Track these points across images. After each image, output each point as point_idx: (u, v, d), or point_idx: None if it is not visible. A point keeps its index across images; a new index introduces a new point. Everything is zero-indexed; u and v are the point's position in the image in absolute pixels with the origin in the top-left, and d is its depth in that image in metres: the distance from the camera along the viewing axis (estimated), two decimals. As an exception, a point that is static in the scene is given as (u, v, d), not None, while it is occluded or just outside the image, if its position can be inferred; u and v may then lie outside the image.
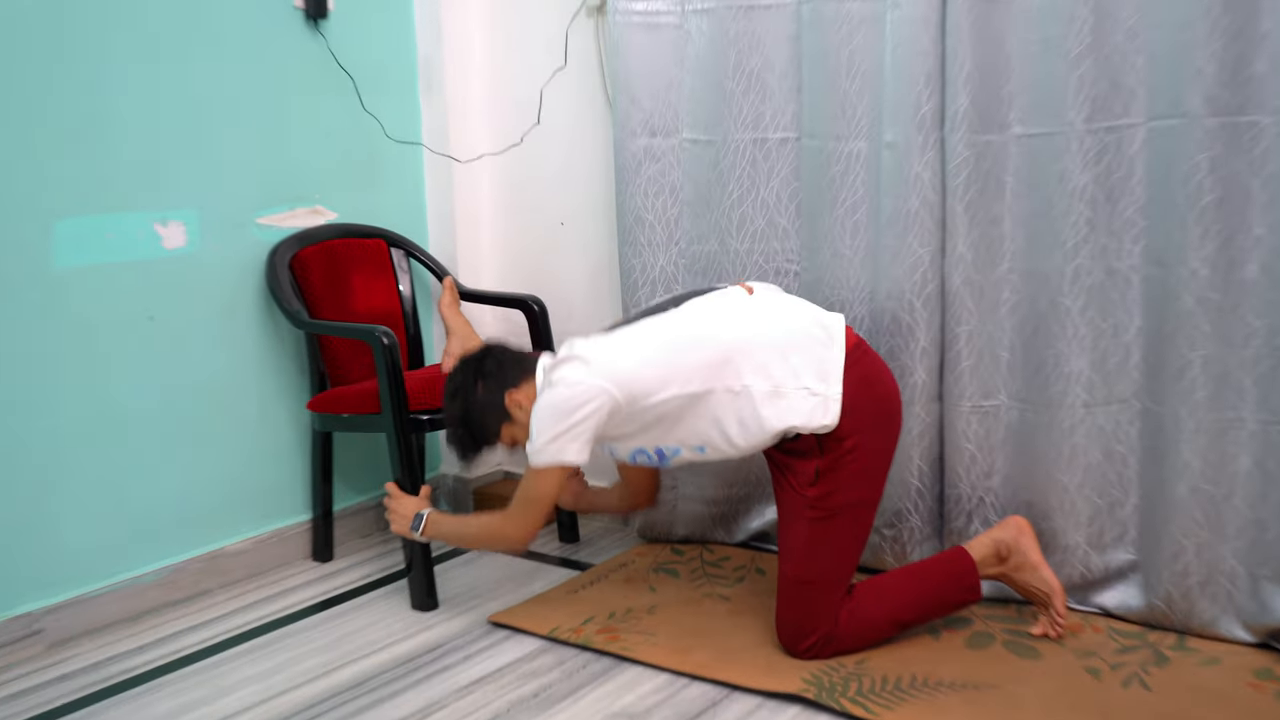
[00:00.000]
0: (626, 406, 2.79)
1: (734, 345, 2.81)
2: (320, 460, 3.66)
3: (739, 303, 2.93)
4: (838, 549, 2.87)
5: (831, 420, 2.79)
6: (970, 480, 3.20)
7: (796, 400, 2.79)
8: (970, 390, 3.15)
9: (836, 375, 2.81)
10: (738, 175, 3.39)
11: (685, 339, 2.85)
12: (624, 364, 2.81)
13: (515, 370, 2.97)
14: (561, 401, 2.78)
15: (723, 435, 2.82)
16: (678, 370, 2.80)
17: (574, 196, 3.94)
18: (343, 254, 3.72)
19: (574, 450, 2.79)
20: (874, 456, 2.88)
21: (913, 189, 3.09)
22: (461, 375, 3.01)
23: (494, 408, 2.95)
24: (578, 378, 2.79)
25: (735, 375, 2.80)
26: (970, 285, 3.11)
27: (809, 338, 2.84)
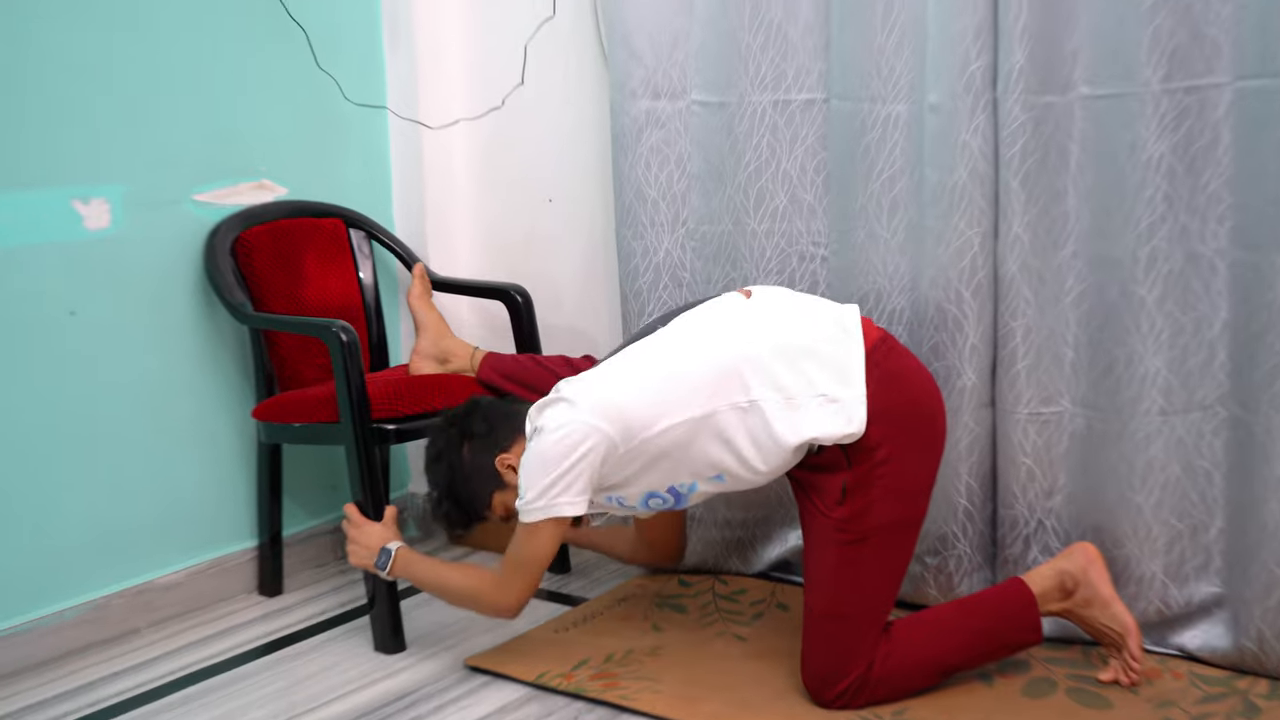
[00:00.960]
0: (624, 444, 2.82)
1: (736, 357, 2.84)
2: (267, 477, 3.66)
3: (736, 310, 2.96)
4: (872, 580, 2.87)
5: (857, 428, 2.80)
6: (1028, 500, 3.19)
7: (813, 409, 2.81)
8: (1028, 395, 3.15)
9: (858, 375, 2.83)
10: (755, 144, 3.39)
11: (680, 358, 2.89)
12: (614, 397, 2.85)
13: (505, 428, 3.02)
14: (549, 448, 2.82)
15: (738, 459, 2.84)
16: (675, 394, 2.83)
17: (564, 169, 3.93)
18: (294, 236, 3.71)
19: (568, 501, 2.83)
20: (912, 468, 2.88)
21: (960, 159, 3.08)
22: (445, 437, 3.05)
23: (485, 473, 3.00)
24: (563, 419, 2.83)
25: (741, 390, 2.82)
26: (1028, 272, 3.10)
27: (821, 337, 2.87)
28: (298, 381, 3.60)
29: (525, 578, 2.93)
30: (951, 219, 3.11)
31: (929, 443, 2.92)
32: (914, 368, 2.94)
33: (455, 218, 4.13)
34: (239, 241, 3.59)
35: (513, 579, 2.94)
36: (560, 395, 2.89)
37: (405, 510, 4.12)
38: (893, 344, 2.92)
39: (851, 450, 2.83)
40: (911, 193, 3.22)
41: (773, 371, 2.82)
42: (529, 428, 2.94)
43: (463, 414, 3.06)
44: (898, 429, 2.84)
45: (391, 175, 4.08)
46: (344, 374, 3.26)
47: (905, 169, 3.22)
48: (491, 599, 2.99)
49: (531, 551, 2.89)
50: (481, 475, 3.01)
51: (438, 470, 3.05)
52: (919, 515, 2.92)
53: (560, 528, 2.88)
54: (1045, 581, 2.95)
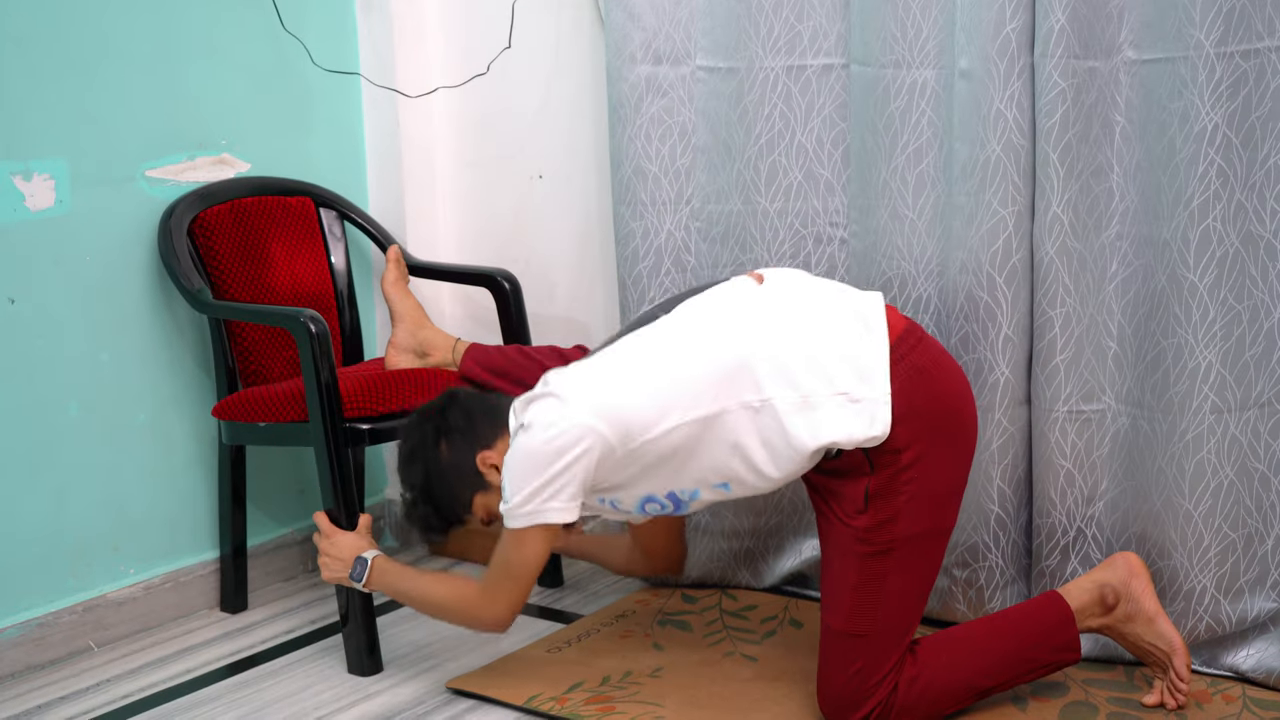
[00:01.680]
0: (620, 446, 2.82)
1: (746, 351, 2.83)
2: (229, 482, 3.66)
3: (747, 297, 2.95)
4: (896, 595, 2.88)
5: (881, 430, 2.80)
6: (1067, 507, 3.20)
7: (832, 410, 2.80)
8: (1067, 391, 3.15)
9: (881, 372, 2.82)
10: (767, 113, 3.39)
11: (684, 351, 2.88)
12: (610, 395, 2.85)
13: (487, 423, 3.01)
14: (538, 448, 2.82)
15: (747, 464, 2.85)
16: (680, 391, 2.83)
17: (555, 142, 3.93)
18: (258, 216, 3.72)
19: (558, 507, 2.84)
20: (941, 473, 2.88)
21: (993, 131, 3.09)
22: (420, 432, 3.05)
23: (464, 472, 3.00)
24: (554, 417, 2.83)
25: (753, 387, 2.82)
26: (1067, 255, 3.11)
27: (841, 329, 2.86)
28: (263, 377, 3.60)
29: (513, 589, 2.93)
30: (983, 197, 3.11)
31: (959, 444, 2.93)
32: (944, 362, 2.94)
33: (435, 196, 4.12)
34: (197, 222, 3.59)
35: (500, 590, 2.94)
36: (549, 389, 2.89)
37: (381, 518, 4.12)
38: (920, 335, 2.91)
39: (875, 453, 2.82)
40: (939, 168, 3.22)
41: (787, 367, 2.81)
42: (514, 423, 2.93)
43: (439, 408, 3.05)
44: (926, 430, 2.84)
45: (365, 149, 4.07)
46: (313, 368, 3.26)
47: (933, 142, 3.22)
48: (477, 612, 2.99)
49: (519, 560, 2.90)
50: (460, 475, 3.00)
51: (412, 470, 3.05)
52: (948, 524, 2.92)
53: (550, 535, 2.88)
54: (1084, 595, 2.95)
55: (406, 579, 3.12)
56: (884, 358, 2.83)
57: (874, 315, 2.88)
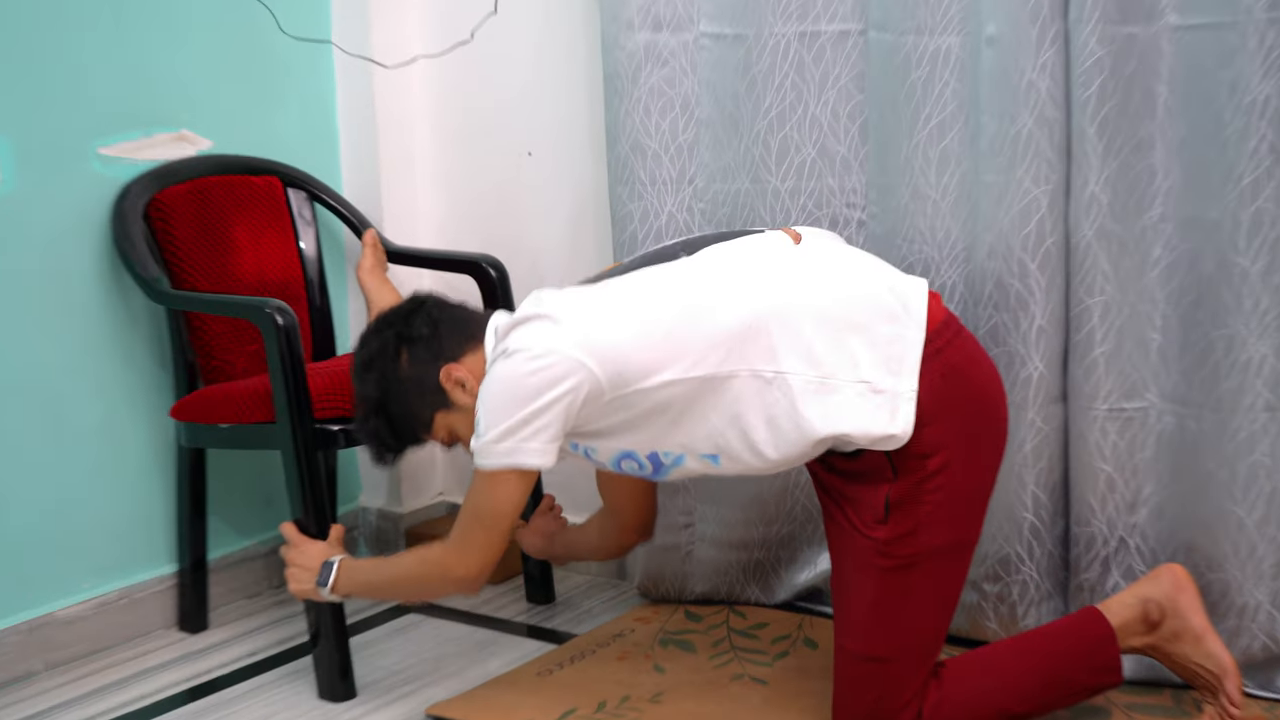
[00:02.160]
0: (610, 390, 2.79)
1: (768, 312, 2.81)
2: (188, 489, 3.67)
3: (779, 253, 2.93)
4: (920, 612, 2.88)
5: (901, 429, 2.78)
6: (1107, 514, 3.20)
7: (850, 398, 2.79)
8: (1107, 387, 3.15)
9: (912, 365, 2.81)
10: (777, 84, 3.39)
11: (699, 299, 2.86)
12: (610, 331, 2.82)
13: (456, 334, 2.98)
14: (519, 378, 2.78)
15: (744, 439, 2.82)
16: (686, 342, 2.80)
17: (546, 116, 3.94)
18: (220, 198, 3.72)
19: (536, 448, 2.79)
20: (971, 481, 2.88)
21: (1025, 103, 3.09)
22: (379, 339, 3.01)
23: (425, 388, 2.96)
24: (544, 345, 2.78)
25: (767, 355, 2.80)
26: (1106, 238, 3.11)
27: (877, 309, 2.84)
28: (225, 374, 3.61)
29: (485, 538, 2.89)
30: (1014, 174, 3.11)
31: (990, 449, 2.92)
32: (980, 360, 2.93)
33: (415, 175, 4.13)
34: (154, 204, 3.59)
35: (470, 540, 2.90)
36: (540, 310, 2.85)
37: (355, 528, 4.13)
38: (958, 329, 2.91)
39: (899, 458, 2.82)
40: (965, 143, 3.22)
41: (810, 341, 2.79)
42: (491, 343, 2.91)
43: (402, 313, 3.02)
44: (957, 434, 2.83)
45: (338, 124, 4.08)
46: (280, 364, 3.25)
47: (958, 115, 3.22)
48: (445, 569, 2.95)
49: (492, 506, 2.86)
50: (421, 389, 2.96)
51: (367, 380, 3.00)
52: (974, 535, 2.92)
53: (526, 481, 2.84)
54: (1127, 612, 2.95)
55: (371, 570, 3.13)
56: (918, 349, 2.82)
57: (915, 300, 2.86)
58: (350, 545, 3.98)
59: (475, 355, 2.94)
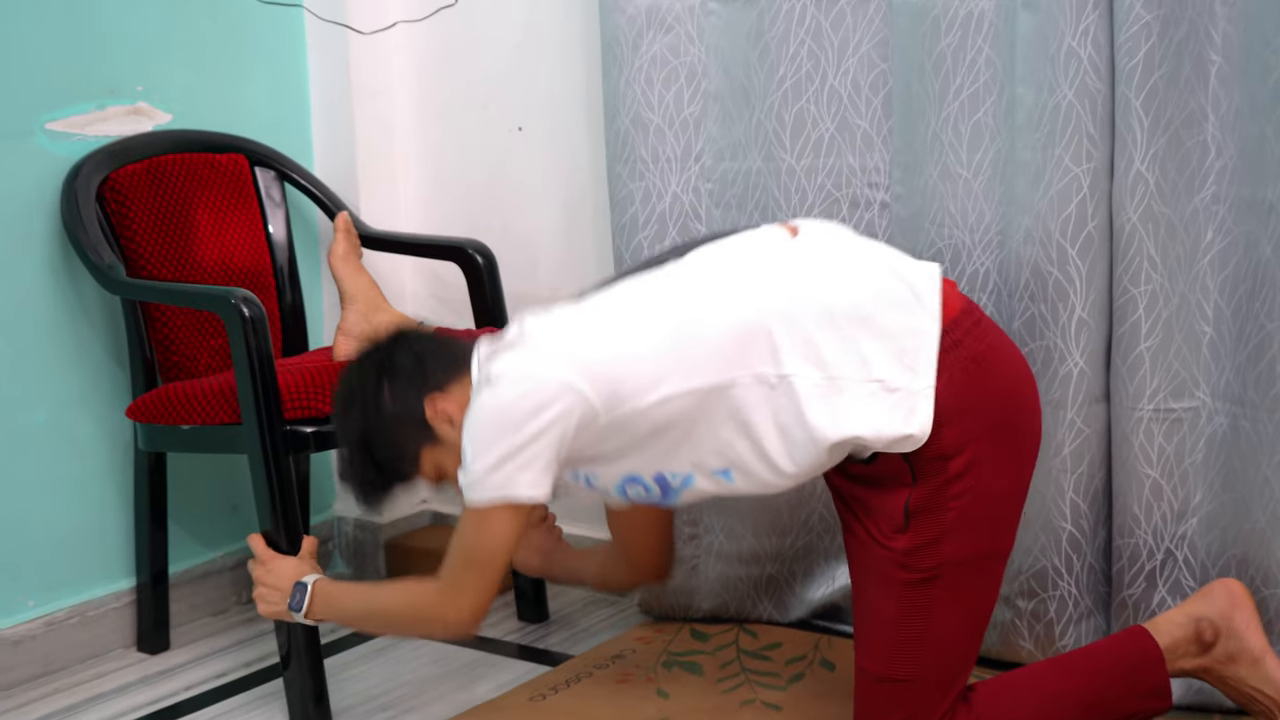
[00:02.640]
0: (605, 412, 2.79)
1: (767, 312, 2.81)
2: (147, 497, 3.66)
3: (775, 248, 2.93)
4: (946, 631, 2.87)
5: (919, 429, 2.78)
6: (1153, 524, 3.20)
7: (863, 398, 2.79)
8: (1154, 385, 3.15)
9: (928, 359, 2.81)
10: (792, 52, 3.39)
11: (693, 304, 2.86)
12: (598, 348, 2.83)
13: (441, 365, 2.98)
14: (506, 406, 2.79)
15: (756, 451, 2.82)
16: (681, 353, 2.80)
17: (538, 88, 3.95)
18: (181, 178, 3.72)
19: (528, 479, 2.79)
20: (1000, 485, 2.87)
21: (1065, 72, 3.08)
22: (360, 375, 3.02)
23: (410, 423, 2.96)
24: (528, 368, 2.80)
25: (769, 358, 2.79)
26: (1154, 222, 3.10)
27: (886, 300, 2.84)
28: (187, 370, 3.61)
29: (478, 580, 2.89)
30: (1052, 151, 3.11)
31: (1020, 449, 2.91)
32: (1004, 350, 2.92)
33: (394, 153, 4.13)
34: (108, 184, 3.58)
35: (462, 582, 2.91)
36: (523, 335, 2.87)
37: (330, 540, 4.13)
38: (978, 317, 2.90)
39: (918, 460, 2.81)
40: (999, 117, 3.22)
41: (814, 340, 2.79)
42: (476, 372, 2.91)
43: (384, 347, 3.03)
44: (981, 432, 2.82)
45: (309, 96, 4.08)
46: (247, 359, 3.25)
47: (991, 85, 3.22)
48: (436, 611, 2.95)
49: (483, 544, 2.86)
50: (405, 424, 2.95)
51: (349, 418, 3.01)
52: (1005, 545, 2.92)
53: (519, 516, 2.84)
54: (1176, 631, 2.93)
55: (352, 597, 3.13)
56: (933, 341, 2.82)
57: (927, 289, 2.86)
58: (324, 558, 3.99)
59: (461, 386, 2.94)
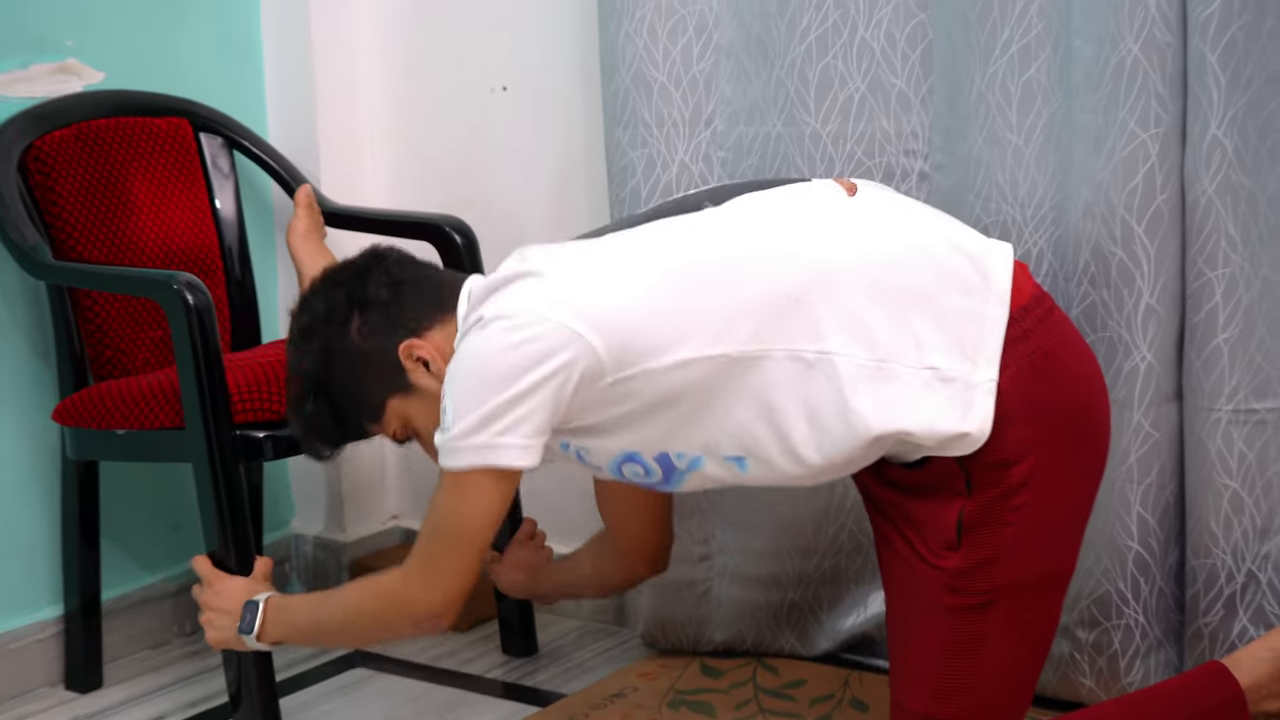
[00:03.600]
0: (612, 370, 2.78)
1: (812, 278, 2.80)
2: (77, 512, 3.66)
3: (828, 206, 2.93)
4: (1000, 665, 2.88)
5: (977, 428, 2.78)
6: (1233, 543, 3.20)
7: (914, 388, 2.79)
8: (1233, 383, 3.15)
9: (992, 350, 2.81)
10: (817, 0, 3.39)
11: (725, 258, 2.85)
12: (613, 295, 2.81)
13: (421, 300, 2.96)
14: (497, 354, 2.77)
15: (778, 437, 2.82)
16: (708, 312, 2.80)
17: (524, 41, 3.95)
18: (115, 145, 3.73)
19: (516, 443, 2.77)
20: (1063, 497, 2.88)
21: (1129, 23, 3.08)
22: (326, 301, 3.00)
23: (379, 365, 2.95)
24: (529, 312, 2.77)
25: (810, 332, 2.79)
26: (1232, 194, 3.10)
27: (949, 278, 2.84)
28: (122, 367, 3.61)
29: (453, 559, 2.88)
30: (1116, 115, 3.11)
31: (1087, 457, 2.93)
32: (1075, 345, 2.93)
33: (359, 116, 4.15)
34: (32, 153, 3.59)
35: (435, 562, 2.89)
36: (525, 268, 2.85)
37: (286, 561, 4.14)
38: (1050, 308, 2.91)
39: (974, 465, 2.81)
40: (1056, 75, 3.22)
41: (863, 316, 2.79)
42: (464, 309, 2.90)
43: (358, 269, 3.01)
44: (1047, 437, 2.83)
45: (263, 52, 4.09)
46: (191, 354, 3.25)
47: (1045, 38, 3.22)
48: (403, 598, 2.93)
49: (461, 516, 2.85)
50: (374, 366, 2.94)
51: (306, 350, 2.98)
52: (1067, 565, 2.93)
53: (505, 485, 2.82)
54: (1260, 667, 2.95)
55: (306, 609, 3.12)
56: (999, 329, 2.82)
57: (998, 269, 2.86)
58: (280, 582, 3.97)
59: (445, 328, 2.92)
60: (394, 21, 4.10)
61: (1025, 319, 2.83)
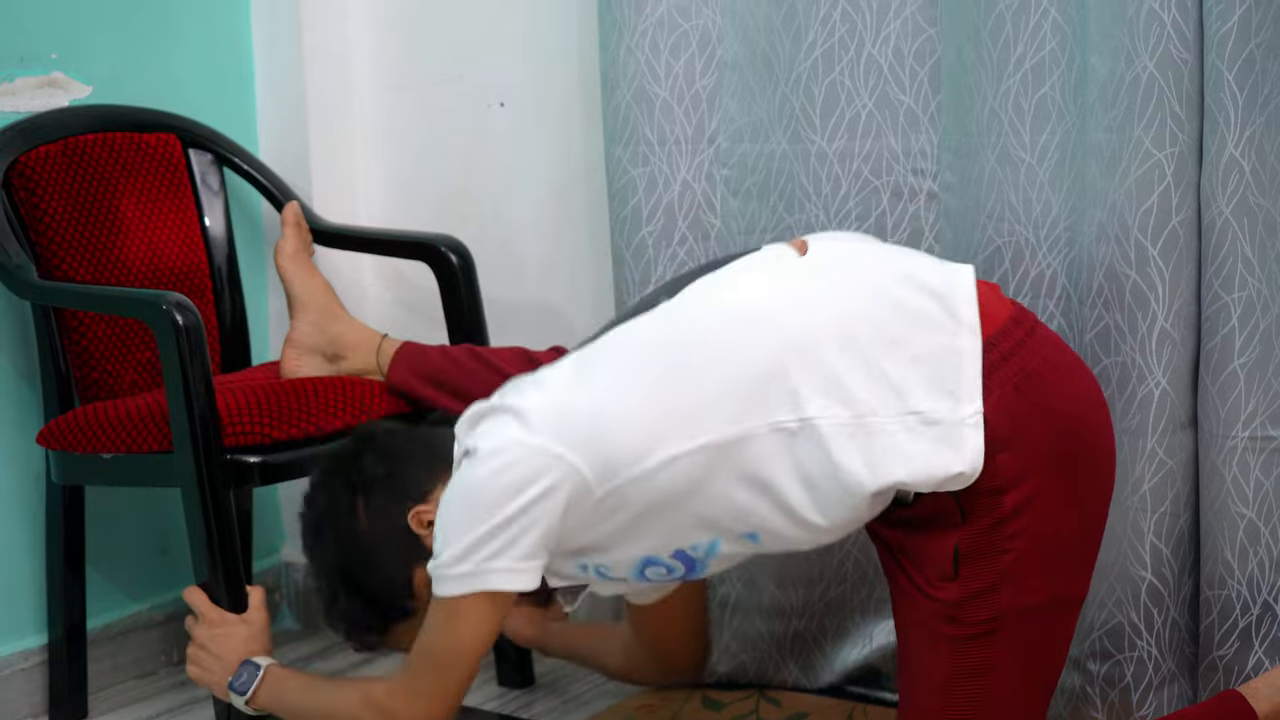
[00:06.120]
0: (600, 486, 2.80)
1: (781, 351, 2.81)
2: (62, 538, 3.66)
3: (784, 274, 2.94)
4: (1005, 697, 2.88)
5: (970, 465, 2.78)
6: (1249, 573, 3.19)
7: (900, 437, 2.79)
8: (1249, 409, 3.15)
9: (971, 382, 2.81)
10: (823, 15, 3.40)
11: (689, 352, 2.87)
12: (584, 410, 2.84)
13: (418, 464, 3.03)
14: (482, 482, 2.81)
15: (780, 508, 2.83)
16: (682, 407, 2.81)
17: (523, 56, 3.96)
18: (103, 162, 3.74)
19: (506, 568, 2.81)
20: (1064, 519, 2.88)
21: (1144, 39, 3.08)
22: (327, 494, 3.05)
23: (394, 540, 3.00)
24: (507, 440, 2.81)
25: (787, 401, 2.80)
26: (1250, 216, 3.10)
27: (915, 319, 2.84)
28: (109, 389, 3.61)
29: (439, 684, 2.92)
30: (1130, 133, 3.11)
31: (1089, 478, 2.92)
32: (1063, 361, 2.93)
33: (353, 133, 4.15)
34: (17, 169, 3.59)
35: (419, 686, 2.93)
36: (505, 402, 2.87)
37: (276, 590, 4.14)
38: (1031, 325, 2.90)
39: (967, 495, 2.81)
40: (1070, 93, 3.22)
41: (838, 373, 2.79)
42: (458, 452, 2.92)
43: (349, 454, 3.06)
44: (1040, 459, 2.83)
45: (254, 66, 4.10)
46: (180, 376, 3.25)
47: (1059, 55, 3.22)
48: (389, 713, 2.96)
49: (450, 643, 2.88)
50: (389, 544, 2.99)
51: (322, 549, 3.05)
52: (1077, 591, 2.93)
53: (496, 608, 2.86)
54: (1277, 697, 2.96)
55: (303, 692, 3.13)
56: (975, 360, 2.82)
57: (960, 298, 2.86)
58: (273, 609, 3.95)
59: (445, 486, 2.95)
60: (388, 34, 4.10)
61: (1003, 343, 2.84)
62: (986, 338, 2.82)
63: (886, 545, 2.94)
